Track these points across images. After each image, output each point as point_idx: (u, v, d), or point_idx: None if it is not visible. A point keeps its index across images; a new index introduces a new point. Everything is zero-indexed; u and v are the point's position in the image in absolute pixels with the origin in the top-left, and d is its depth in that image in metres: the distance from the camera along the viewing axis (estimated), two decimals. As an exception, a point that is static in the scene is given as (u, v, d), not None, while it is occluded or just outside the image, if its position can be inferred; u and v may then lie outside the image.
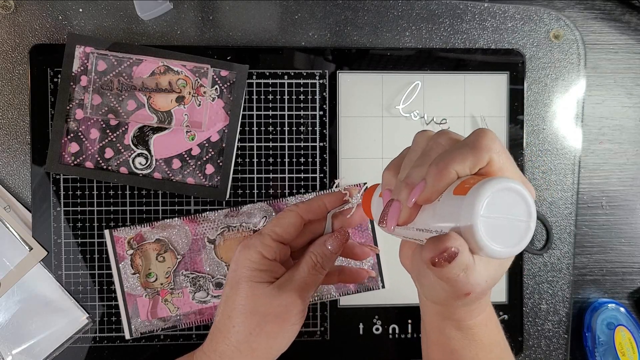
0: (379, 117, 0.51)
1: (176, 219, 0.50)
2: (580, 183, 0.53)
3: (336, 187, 0.43)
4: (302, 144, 0.51)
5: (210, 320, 0.50)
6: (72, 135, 0.49)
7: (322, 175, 0.51)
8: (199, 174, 0.49)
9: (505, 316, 0.52)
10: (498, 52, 0.52)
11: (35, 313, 0.49)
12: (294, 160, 0.51)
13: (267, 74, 0.50)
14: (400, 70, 0.51)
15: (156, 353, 0.50)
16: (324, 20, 0.51)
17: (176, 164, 0.49)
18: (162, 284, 0.50)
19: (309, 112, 0.51)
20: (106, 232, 0.49)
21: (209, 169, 0.49)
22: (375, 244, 0.51)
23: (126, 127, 0.49)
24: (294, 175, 0.51)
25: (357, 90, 0.51)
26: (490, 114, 0.52)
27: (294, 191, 0.51)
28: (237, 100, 0.49)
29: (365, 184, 0.50)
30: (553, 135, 0.53)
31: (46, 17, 0.50)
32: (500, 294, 0.52)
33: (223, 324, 0.40)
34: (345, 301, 0.51)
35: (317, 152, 0.51)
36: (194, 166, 0.49)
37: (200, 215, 0.50)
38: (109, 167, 0.49)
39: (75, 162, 0.49)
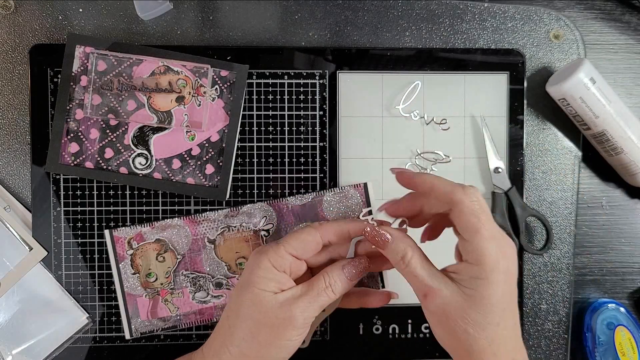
0: (379, 117, 0.51)
1: (176, 219, 0.50)
2: (580, 183, 0.53)
3: (364, 216, 0.42)
4: (302, 144, 0.51)
5: (210, 320, 0.50)
6: (72, 135, 0.49)
7: (322, 175, 0.51)
8: (199, 174, 0.49)
9: (505, 316, 0.52)
10: (498, 52, 0.52)
11: (35, 313, 0.49)
12: (294, 160, 0.51)
13: (267, 74, 0.50)
14: (400, 70, 0.51)
15: (156, 353, 0.50)
16: (324, 20, 0.51)
17: (176, 164, 0.49)
18: (162, 284, 0.50)
19: (309, 112, 0.51)
20: (106, 232, 0.49)
21: (209, 169, 0.49)
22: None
23: (126, 127, 0.49)
24: (294, 175, 0.51)
25: (357, 90, 0.51)
26: (490, 114, 0.52)
27: (294, 191, 0.51)
28: (237, 100, 0.49)
29: (365, 184, 0.50)
30: (553, 135, 0.53)
31: (46, 17, 0.50)
32: (500, 294, 0.52)
33: (221, 324, 0.41)
34: (345, 301, 0.51)
35: (317, 152, 0.51)
36: (194, 166, 0.49)
37: (200, 215, 0.50)
38: (109, 167, 0.49)
39: (75, 162, 0.49)
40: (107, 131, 0.49)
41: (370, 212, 0.42)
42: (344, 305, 0.45)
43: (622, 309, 0.52)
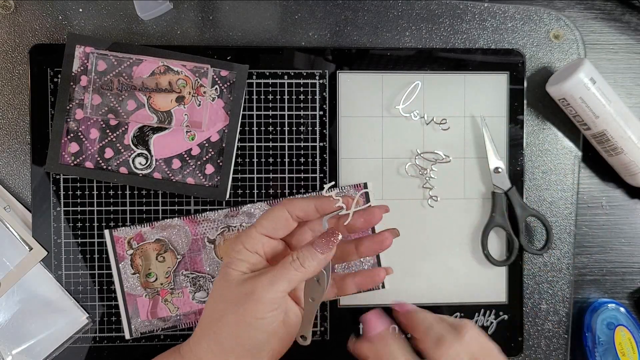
0: (379, 117, 0.51)
1: (176, 219, 0.50)
2: (580, 183, 0.53)
3: (326, 191, 0.42)
4: (302, 144, 0.51)
5: (210, 320, 0.50)
6: (72, 135, 0.49)
7: (322, 175, 0.51)
8: (199, 174, 0.49)
9: (505, 316, 0.52)
10: (498, 52, 0.52)
11: (35, 313, 0.49)
12: (294, 160, 0.51)
13: (267, 74, 0.50)
14: (400, 70, 0.51)
15: (156, 353, 0.50)
16: (324, 20, 0.51)
17: (176, 164, 0.49)
18: (162, 284, 0.50)
19: (309, 112, 0.51)
20: (106, 232, 0.50)
21: (209, 169, 0.49)
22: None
23: (126, 127, 0.49)
24: (294, 175, 0.51)
25: (357, 90, 0.51)
26: (490, 114, 0.52)
27: (294, 191, 0.51)
28: (237, 100, 0.49)
29: (365, 184, 0.50)
30: (553, 135, 0.53)
31: (46, 17, 0.50)
32: (500, 294, 0.52)
33: (203, 312, 0.41)
34: (345, 301, 0.51)
35: (317, 152, 0.51)
36: (194, 166, 0.49)
37: (200, 215, 0.50)
38: (109, 167, 0.49)
39: (75, 162, 0.49)
40: (107, 131, 0.49)
41: (334, 187, 0.42)
42: (342, 293, 0.44)
43: (622, 309, 0.52)
